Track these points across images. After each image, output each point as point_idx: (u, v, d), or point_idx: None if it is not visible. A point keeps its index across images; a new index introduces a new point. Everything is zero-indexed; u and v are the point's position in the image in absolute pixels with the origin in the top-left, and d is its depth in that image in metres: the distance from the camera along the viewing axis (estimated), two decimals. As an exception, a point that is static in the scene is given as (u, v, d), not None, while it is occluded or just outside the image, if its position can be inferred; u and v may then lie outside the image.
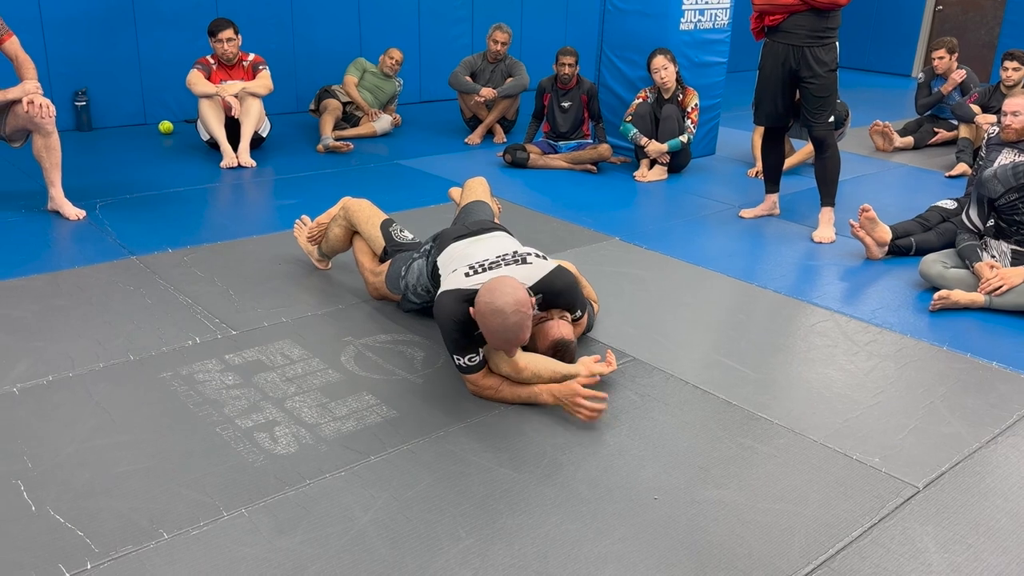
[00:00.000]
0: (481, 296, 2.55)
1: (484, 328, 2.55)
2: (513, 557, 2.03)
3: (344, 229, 3.53)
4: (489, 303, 2.50)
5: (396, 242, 3.35)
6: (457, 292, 2.69)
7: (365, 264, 3.45)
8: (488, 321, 2.51)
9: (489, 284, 2.57)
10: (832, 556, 2.08)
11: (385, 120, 6.63)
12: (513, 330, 2.52)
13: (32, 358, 2.87)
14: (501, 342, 2.57)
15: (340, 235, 3.55)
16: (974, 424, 2.71)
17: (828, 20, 4.19)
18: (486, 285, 2.58)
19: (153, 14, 6.53)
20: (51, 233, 4.17)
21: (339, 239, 3.57)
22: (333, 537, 2.07)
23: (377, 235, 3.39)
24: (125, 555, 1.98)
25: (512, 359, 2.69)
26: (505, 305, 2.49)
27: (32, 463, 2.30)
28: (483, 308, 2.52)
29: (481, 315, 2.53)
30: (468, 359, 2.68)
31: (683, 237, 4.47)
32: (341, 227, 3.53)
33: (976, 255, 3.70)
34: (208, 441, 2.44)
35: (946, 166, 6.13)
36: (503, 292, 2.51)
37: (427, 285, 3.08)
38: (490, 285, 2.56)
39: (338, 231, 3.54)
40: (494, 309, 2.49)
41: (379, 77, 6.69)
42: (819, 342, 3.27)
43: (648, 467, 2.42)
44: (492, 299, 2.50)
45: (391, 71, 6.67)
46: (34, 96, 4.16)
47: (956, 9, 10.68)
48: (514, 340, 2.57)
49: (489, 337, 2.57)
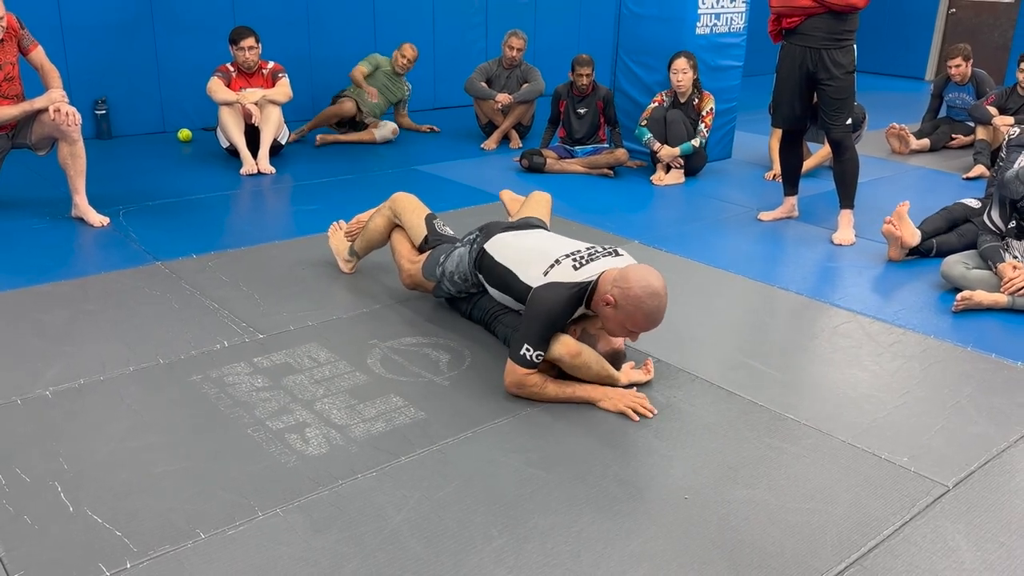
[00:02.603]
0: (631, 281, 2.62)
1: (632, 311, 2.62)
2: (546, 555, 2.04)
3: (387, 219, 3.56)
4: (646, 286, 2.60)
5: (438, 233, 3.42)
6: (572, 285, 2.73)
7: (403, 252, 3.49)
8: (643, 303, 2.60)
9: (633, 270, 2.67)
10: (865, 554, 2.08)
11: (386, 128, 6.62)
12: (662, 311, 2.65)
13: (64, 362, 2.91)
14: (646, 324, 2.66)
15: (381, 226, 3.58)
16: (1001, 424, 2.71)
17: (846, 23, 4.20)
18: (629, 271, 2.66)
19: (172, 23, 6.59)
20: (77, 240, 4.22)
21: (379, 230, 3.60)
22: (368, 536, 2.09)
23: (420, 224, 3.43)
24: (163, 554, 2.00)
25: (570, 344, 2.74)
26: (661, 287, 2.62)
27: (68, 464, 2.33)
28: (638, 291, 2.60)
29: (635, 298, 2.60)
30: (538, 355, 2.70)
31: (703, 240, 4.48)
32: (384, 217, 3.57)
33: (999, 255, 3.70)
34: (240, 443, 2.46)
35: (963, 168, 6.12)
36: (656, 275, 2.65)
37: (466, 273, 3.14)
38: (637, 271, 2.66)
39: (380, 221, 3.58)
40: (652, 291, 2.61)
41: (390, 77, 6.65)
42: (843, 343, 3.28)
43: (677, 467, 2.43)
44: (649, 282, 2.62)
45: (403, 70, 6.61)
46: (60, 104, 4.21)
47: (969, 12, 10.66)
48: (657, 323, 2.68)
49: (632, 320, 2.64)
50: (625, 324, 2.67)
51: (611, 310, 2.66)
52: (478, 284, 3.16)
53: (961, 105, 6.74)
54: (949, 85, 6.77)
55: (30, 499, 2.18)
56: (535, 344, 2.69)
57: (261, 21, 6.40)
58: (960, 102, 6.74)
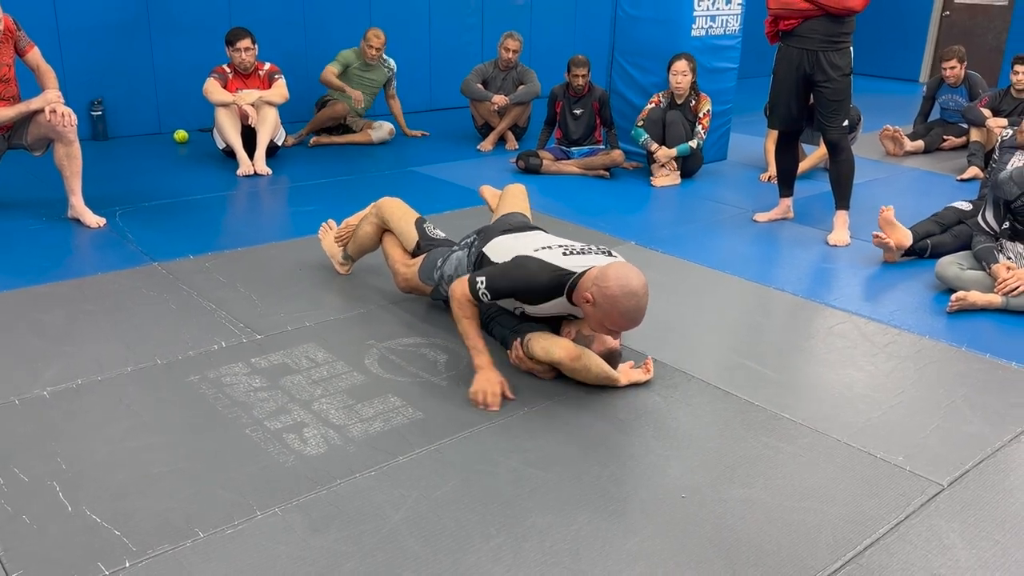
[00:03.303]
0: (610, 279, 2.58)
1: (609, 309, 2.58)
2: (544, 554, 2.05)
3: (375, 227, 3.56)
4: (624, 285, 2.55)
5: (430, 237, 3.42)
6: (554, 268, 2.72)
7: (396, 257, 3.48)
8: (620, 303, 2.56)
9: (614, 268, 2.61)
10: (860, 552, 2.10)
11: (383, 130, 6.61)
12: (641, 311, 2.60)
13: (62, 362, 2.91)
14: (623, 323, 2.62)
15: (370, 232, 3.58)
16: (996, 423, 2.72)
17: (843, 25, 4.22)
18: (609, 269, 2.61)
19: (168, 24, 6.59)
20: (73, 240, 4.22)
21: (369, 236, 3.60)
22: (366, 535, 2.09)
23: (411, 231, 3.43)
24: (162, 553, 2.01)
25: (570, 348, 2.75)
26: (639, 287, 2.57)
27: (66, 464, 2.34)
28: (616, 290, 2.55)
29: (611, 297, 2.56)
30: (487, 296, 2.73)
31: (698, 241, 4.50)
32: (372, 224, 3.56)
33: (993, 256, 3.72)
34: (238, 442, 2.47)
35: (957, 170, 6.15)
36: (636, 274, 2.59)
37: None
38: (617, 269, 2.61)
39: (369, 228, 3.58)
40: (629, 291, 2.55)
41: (363, 68, 6.42)
42: (838, 343, 3.29)
43: (674, 466, 2.44)
44: (627, 281, 2.56)
45: (374, 59, 6.36)
46: (56, 105, 4.21)
47: (963, 15, 10.71)
48: (636, 322, 2.64)
49: (610, 319, 2.60)
50: (604, 322, 2.65)
51: (590, 307, 2.65)
52: None
53: (954, 107, 6.77)
54: (942, 87, 6.80)
55: (29, 499, 2.19)
56: (492, 290, 2.72)
57: (257, 22, 6.41)
58: (953, 104, 6.77)
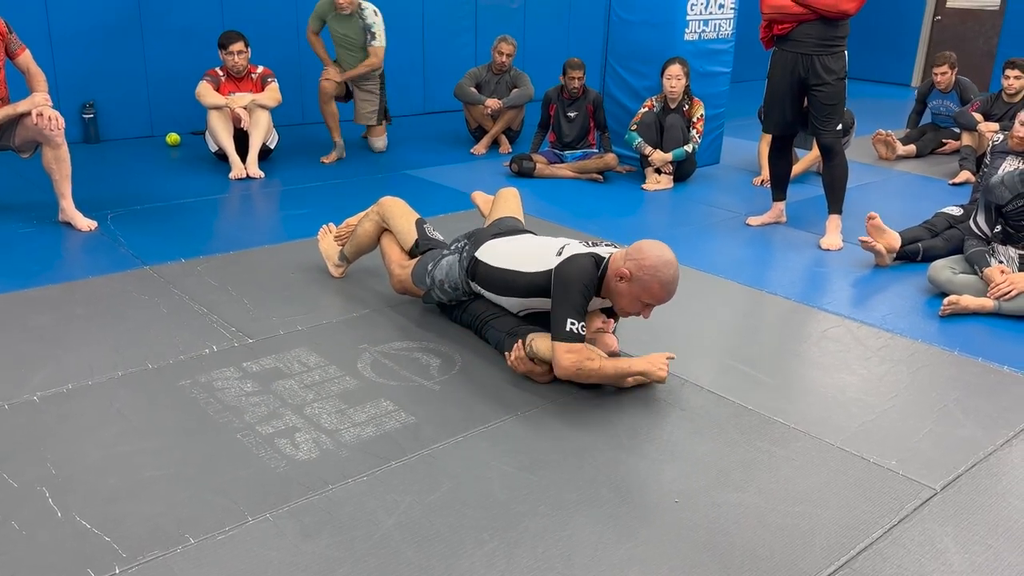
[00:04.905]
0: (645, 251, 2.68)
1: (648, 280, 2.65)
2: (537, 559, 2.04)
3: (375, 224, 3.56)
4: (660, 255, 2.67)
5: (429, 238, 3.42)
6: (590, 255, 2.77)
7: (393, 257, 3.48)
8: (660, 272, 2.65)
9: (646, 243, 2.72)
10: (854, 557, 2.09)
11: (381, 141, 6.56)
12: (677, 281, 2.72)
13: (51, 367, 2.89)
14: (662, 294, 2.69)
15: (370, 231, 3.58)
16: (988, 427, 2.73)
17: (837, 29, 4.23)
18: (643, 244, 2.71)
19: (160, 27, 6.57)
20: (64, 244, 4.19)
21: (368, 235, 3.59)
22: (358, 540, 2.08)
23: (410, 230, 3.43)
24: (153, 559, 1.99)
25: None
26: (673, 258, 2.69)
27: (56, 470, 2.32)
28: (654, 259, 2.65)
29: (650, 267, 2.64)
30: (582, 326, 2.72)
31: (691, 245, 4.50)
32: (373, 222, 3.56)
33: (985, 260, 3.73)
34: (230, 447, 2.45)
35: (949, 174, 6.17)
36: (667, 247, 2.70)
37: (457, 282, 3.14)
38: (649, 243, 2.72)
39: (369, 226, 3.58)
40: (666, 260, 2.66)
41: (340, 21, 5.96)
42: (831, 347, 3.29)
43: (667, 471, 2.43)
44: (663, 252, 2.68)
45: (344, 8, 5.81)
46: (43, 108, 4.19)
47: (955, 19, 10.75)
48: (672, 293, 2.71)
49: (649, 291, 2.68)
50: (641, 297, 2.70)
51: (625, 285, 2.69)
52: (469, 292, 3.17)
53: (945, 112, 6.80)
54: (933, 92, 6.83)
55: (18, 504, 2.17)
56: (576, 316, 2.71)
57: (250, 25, 6.39)
58: (944, 109, 6.80)
